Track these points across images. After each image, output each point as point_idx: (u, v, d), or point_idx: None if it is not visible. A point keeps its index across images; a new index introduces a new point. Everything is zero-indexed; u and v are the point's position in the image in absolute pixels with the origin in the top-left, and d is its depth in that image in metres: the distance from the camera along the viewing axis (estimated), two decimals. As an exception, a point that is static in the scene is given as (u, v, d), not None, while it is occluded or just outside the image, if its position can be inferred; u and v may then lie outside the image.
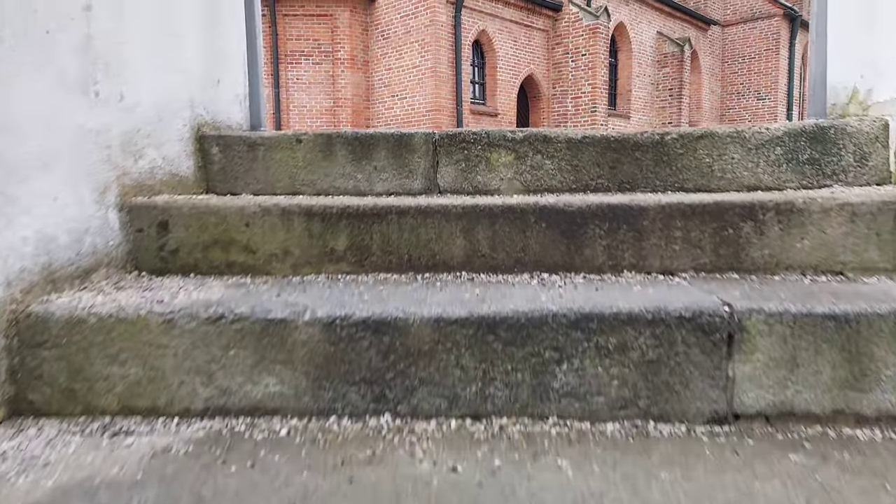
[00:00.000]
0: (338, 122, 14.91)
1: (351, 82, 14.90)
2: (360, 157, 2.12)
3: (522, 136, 2.08)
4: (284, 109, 14.80)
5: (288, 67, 14.78)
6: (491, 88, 15.44)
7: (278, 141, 2.12)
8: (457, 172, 2.11)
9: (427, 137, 2.11)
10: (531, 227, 1.69)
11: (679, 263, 1.67)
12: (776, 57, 20.54)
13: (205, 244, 1.71)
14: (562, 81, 16.35)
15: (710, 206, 1.65)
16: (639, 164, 2.05)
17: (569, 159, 2.07)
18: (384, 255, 1.71)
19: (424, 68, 14.11)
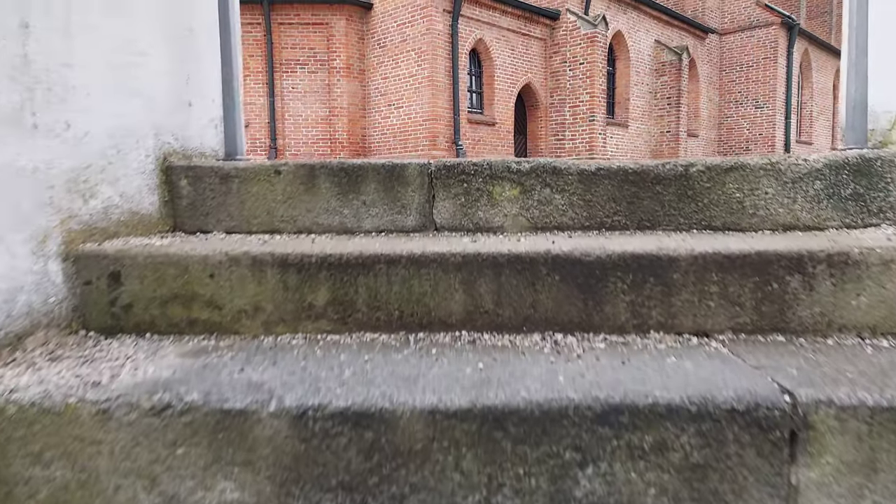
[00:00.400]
0: (333, 132, 14.68)
1: (347, 91, 14.68)
2: (346, 191, 1.88)
3: (529, 167, 1.84)
4: (279, 118, 14.56)
5: (283, 76, 14.55)
6: (488, 97, 15.23)
7: (254, 172, 1.87)
8: (455, 208, 1.86)
9: (422, 169, 1.87)
10: (542, 280, 1.45)
11: (715, 323, 1.43)
12: (774, 65, 20.40)
13: (163, 299, 1.47)
14: (560, 90, 16.15)
15: (751, 257, 1.41)
16: (660, 200, 1.82)
17: (581, 193, 1.83)
18: (371, 311, 1.47)
19: (421, 77, 13.90)
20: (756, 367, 1.20)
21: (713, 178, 1.80)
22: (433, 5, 13.57)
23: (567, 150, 16.09)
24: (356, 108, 14.95)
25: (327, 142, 14.75)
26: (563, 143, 16.18)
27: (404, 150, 14.36)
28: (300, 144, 14.70)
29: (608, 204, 1.83)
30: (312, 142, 14.74)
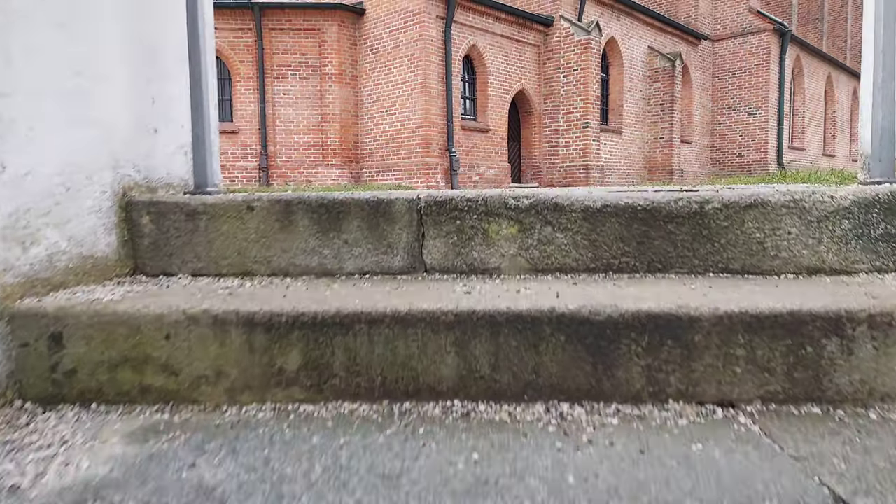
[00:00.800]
0: (325, 138, 14.48)
1: (339, 97, 14.49)
2: (326, 229, 1.69)
3: (528, 203, 1.66)
4: (270, 125, 14.35)
5: (274, 82, 14.35)
6: (482, 104, 15.07)
7: (224, 208, 1.68)
8: (447, 247, 1.68)
9: (410, 204, 1.69)
10: (546, 341, 1.27)
11: (742, 391, 1.25)
12: (766, 72, 20.34)
13: (111, 363, 1.28)
14: (553, 97, 16.01)
15: (782, 318, 1.23)
16: (672, 240, 1.64)
17: (585, 232, 1.65)
18: (350, 376, 1.28)
19: (414, 84, 13.72)
20: (796, 457, 1.02)
21: (731, 217, 1.63)
22: (426, 11, 13.40)
23: (561, 156, 15.95)
24: (348, 114, 14.76)
25: (319, 148, 14.55)
26: (556, 150, 16.04)
27: (397, 156, 14.18)
28: (291, 151, 14.50)
29: (615, 244, 1.65)
30: (304, 148, 14.54)
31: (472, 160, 14.70)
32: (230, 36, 14.19)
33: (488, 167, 15.06)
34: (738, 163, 21.03)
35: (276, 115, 14.43)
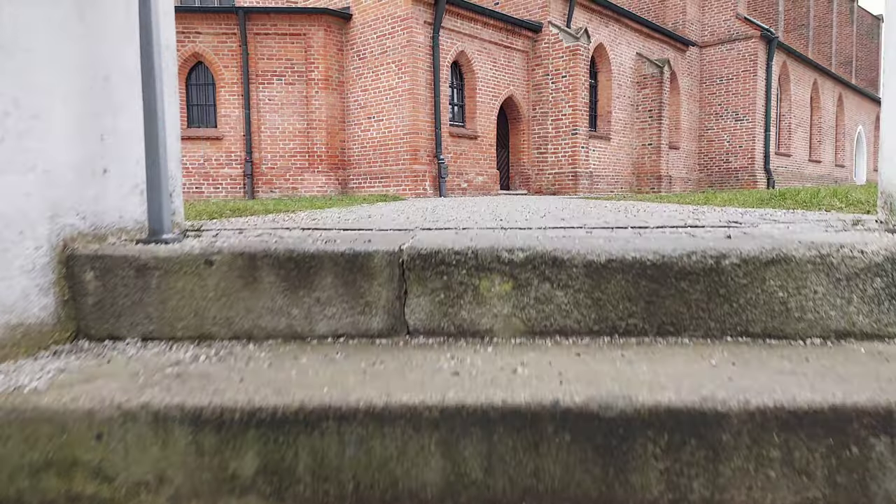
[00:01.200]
0: (311, 145, 14.25)
1: (325, 103, 14.26)
2: (296, 286, 1.49)
3: (524, 256, 1.47)
4: (255, 131, 14.10)
5: (259, 88, 14.10)
6: (470, 110, 14.90)
7: (179, 263, 1.48)
8: (433, 306, 1.49)
9: (391, 258, 1.49)
10: (548, 441, 1.07)
11: (776, 498, 1.06)
12: (753, 78, 20.34)
13: (33, 467, 1.07)
14: (542, 103, 15.88)
15: (823, 414, 1.05)
16: (685, 299, 1.46)
17: (588, 290, 1.47)
18: (316, 481, 1.08)
19: (402, 90, 13.53)
20: None
21: (751, 273, 1.44)
22: (414, 17, 13.22)
23: (549, 163, 15.82)
24: (335, 120, 14.54)
25: (305, 155, 14.32)
26: (545, 157, 15.90)
27: (384, 163, 13.98)
28: (277, 157, 14.25)
29: (622, 303, 1.46)
30: (290, 155, 14.30)
31: (461, 167, 14.53)
32: (214, 41, 13.94)
33: (477, 174, 14.90)
34: (725, 169, 21.03)
35: (262, 121, 14.18)
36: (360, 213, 4.12)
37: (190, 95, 14.31)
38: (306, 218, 3.42)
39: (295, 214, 4.05)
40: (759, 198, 4.10)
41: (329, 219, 3.13)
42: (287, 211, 4.52)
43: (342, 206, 6.28)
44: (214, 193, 14.08)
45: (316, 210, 5.08)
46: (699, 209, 3.65)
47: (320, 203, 6.30)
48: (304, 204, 6.07)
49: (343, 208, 5.39)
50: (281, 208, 4.85)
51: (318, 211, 4.81)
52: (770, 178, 20.71)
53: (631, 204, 5.30)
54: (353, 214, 3.76)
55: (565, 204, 5.77)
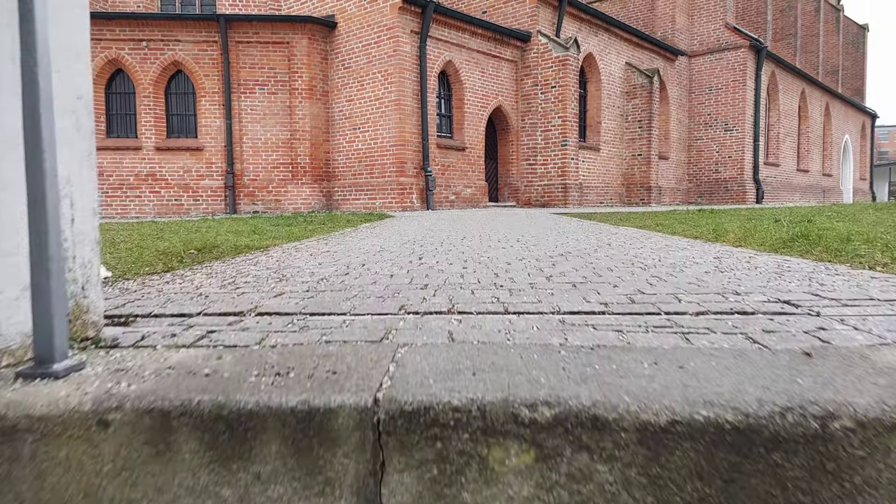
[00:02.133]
0: (295, 156, 13.77)
1: (309, 113, 13.79)
2: (227, 456, 1.04)
3: (551, 415, 1.03)
4: (237, 142, 13.60)
5: (241, 97, 13.60)
6: (458, 121, 14.49)
7: (63, 423, 1.03)
8: (422, 486, 1.04)
9: (361, 415, 1.04)
10: None
11: None
12: (743, 88, 20.13)
13: None
14: (531, 113, 15.50)
15: None
16: (778, 477, 1.02)
17: (643, 464, 1.03)
18: None
19: (388, 100, 13.09)
20: None
21: (869, 442, 1.02)
22: (400, 26, 12.79)
23: (539, 174, 15.43)
24: (319, 131, 14.06)
25: (288, 166, 13.83)
26: (535, 168, 15.52)
27: (370, 175, 13.52)
28: (259, 169, 13.76)
29: (689, 483, 1.03)
30: (273, 166, 13.81)
31: (449, 179, 14.11)
32: (194, 48, 13.42)
33: (465, 186, 14.49)
34: (714, 179, 20.79)
35: (243, 131, 13.69)
36: (340, 251, 3.67)
37: (169, 105, 13.79)
38: (276, 266, 2.96)
39: (266, 255, 3.60)
40: (780, 238, 3.70)
41: (300, 270, 2.68)
42: (259, 248, 4.06)
43: (323, 232, 5.82)
44: (195, 206, 13.55)
45: (293, 242, 4.62)
46: (718, 253, 3.24)
47: (299, 230, 5.83)
48: (282, 231, 5.60)
49: (322, 239, 4.94)
50: (254, 243, 4.39)
51: (294, 245, 4.35)
52: (759, 189, 20.50)
53: (634, 234, 4.89)
54: (329, 258, 3.31)
55: (561, 228, 5.33)
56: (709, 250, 3.47)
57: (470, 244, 4.14)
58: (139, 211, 13.43)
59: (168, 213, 13.45)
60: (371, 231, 5.76)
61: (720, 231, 4.58)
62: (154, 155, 13.52)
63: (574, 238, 4.61)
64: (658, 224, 6.22)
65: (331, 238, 4.89)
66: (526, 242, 4.23)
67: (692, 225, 5.99)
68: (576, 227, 6.28)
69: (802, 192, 24.63)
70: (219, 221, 7.97)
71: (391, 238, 4.78)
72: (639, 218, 8.00)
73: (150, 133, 13.49)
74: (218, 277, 2.57)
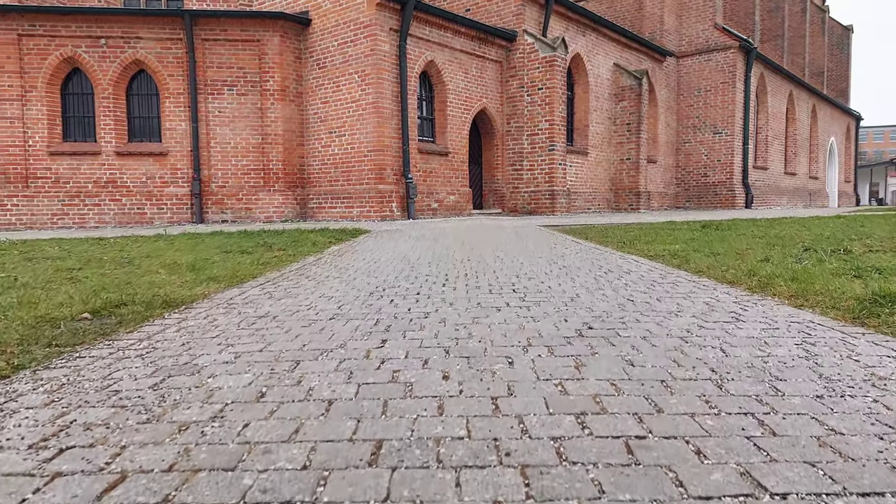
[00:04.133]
0: (267, 161, 12.73)
1: (282, 116, 12.76)
2: None
3: None
4: (204, 146, 12.53)
5: (208, 98, 12.53)
6: (440, 125, 13.53)
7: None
8: None
9: None
10: None
11: None
12: (732, 90, 19.39)
13: None
14: (517, 117, 14.59)
15: None
16: None
17: None
18: None
19: (365, 103, 12.10)
20: None
21: None
22: (378, 23, 11.79)
23: (525, 180, 14.53)
24: (293, 134, 13.03)
25: (260, 172, 12.79)
26: (520, 174, 14.61)
27: (347, 182, 12.53)
28: (228, 175, 12.70)
29: None
30: (243, 172, 12.76)
31: (431, 186, 13.16)
32: (157, 46, 12.32)
33: (448, 193, 13.54)
34: (703, 183, 20.04)
35: (211, 135, 12.62)
36: (281, 317, 2.73)
37: (131, 107, 12.68)
38: (169, 368, 2.01)
39: (178, 326, 2.64)
40: (853, 296, 2.81)
41: (199, 382, 1.74)
42: (182, 303, 3.08)
43: (278, 264, 4.85)
44: (158, 215, 12.47)
45: (231, 289, 3.66)
46: (792, 325, 2.34)
47: (250, 262, 4.84)
48: (229, 265, 4.62)
49: (270, 283, 3.98)
50: (180, 293, 3.42)
51: (229, 298, 3.39)
52: (749, 194, 19.79)
53: (650, 271, 4.00)
54: (258, 340, 2.37)
55: (559, 257, 4.39)
56: (773, 317, 2.57)
57: (454, 299, 3.21)
58: (99, 220, 12.32)
59: (130, 222, 12.36)
60: (334, 265, 4.80)
61: (760, 274, 3.69)
62: (114, 160, 12.41)
63: (581, 282, 3.69)
64: (666, 250, 5.32)
65: (280, 282, 3.93)
66: (524, 293, 3.30)
67: (708, 252, 5.11)
68: (574, 253, 5.37)
69: (790, 196, 24.01)
70: (170, 241, 6.95)
71: (354, 285, 3.83)
72: (638, 235, 7.12)
73: (110, 137, 12.38)
74: (46, 415, 1.61)
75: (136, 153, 12.44)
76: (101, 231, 10.48)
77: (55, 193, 12.22)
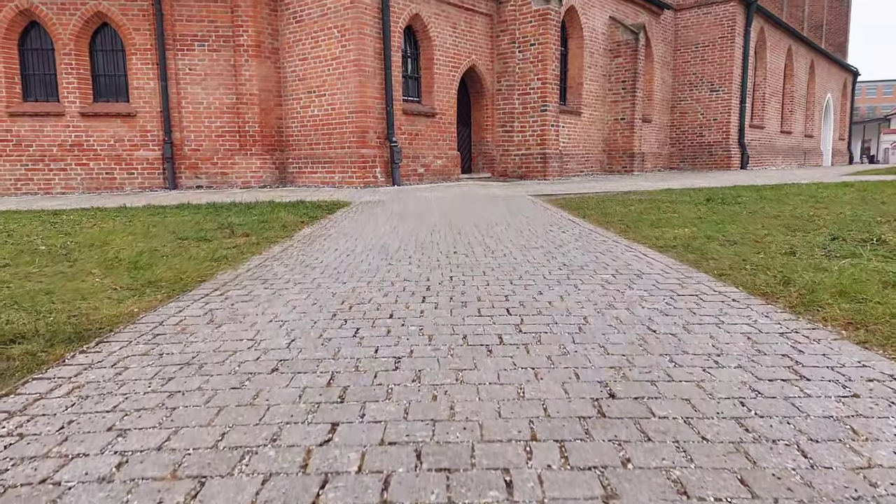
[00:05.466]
0: (243, 123, 11.89)
1: (257, 74, 11.86)
2: None
3: None
4: (174, 107, 11.66)
5: (178, 55, 11.59)
6: (427, 83, 12.68)
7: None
8: None
9: None
10: None
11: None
12: (731, 45, 18.51)
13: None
14: (508, 75, 13.74)
15: None
16: None
17: None
18: None
19: (346, 60, 11.23)
20: None
21: None
22: (359, -27, 10.83)
23: (516, 143, 13.79)
24: (270, 94, 12.17)
25: (235, 135, 11.97)
26: (511, 136, 13.85)
27: (328, 146, 11.75)
28: (202, 138, 11.87)
29: None
30: (217, 135, 11.93)
31: (417, 149, 12.40)
32: (120, -3, 11.31)
33: (435, 157, 12.80)
34: (698, 143, 19.34)
35: (182, 94, 11.73)
36: (208, 365, 2.12)
37: (95, 64, 11.72)
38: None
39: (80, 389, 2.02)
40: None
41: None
42: (102, 328, 2.45)
43: (240, 255, 4.21)
44: (129, 181, 11.67)
45: (170, 302, 3.03)
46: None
47: (205, 254, 4.19)
48: (184, 258, 3.97)
49: (218, 291, 3.36)
50: (104, 312, 2.79)
51: (160, 322, 2.78)
52: (745, 154, 19.14)
53: (664, 272, 3.41)
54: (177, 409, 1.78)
55: (557, 244, 3.79)
56: (841, 368, 1.99)
57: (434, 327, 2.61)
58: (65, 186, 11.51)
59: (99, 188, 11.57)
60: (300, 261, 4.16)
61: (795, 281, 3.09)
62: (80, 122, 11.52)
63: (587, 292, 3.09)
64: (677, 237, 4.72)
65: (231, 290, 3.30)
66: (521, 315, 2.70)
67: (723, 239, 4.51)
68: (574, 240, 4.76)
69: (784, 156, 23.37)
70: (129, 218, 6.25)
71: (316, 297, 3.22)
72: (640, 212, 6.50)
73: (74, 97, 11.46)
74: None
75: (103, 114, 11.55)
76: (67, 199, 9.72)
77: (17, 157, 11.36)
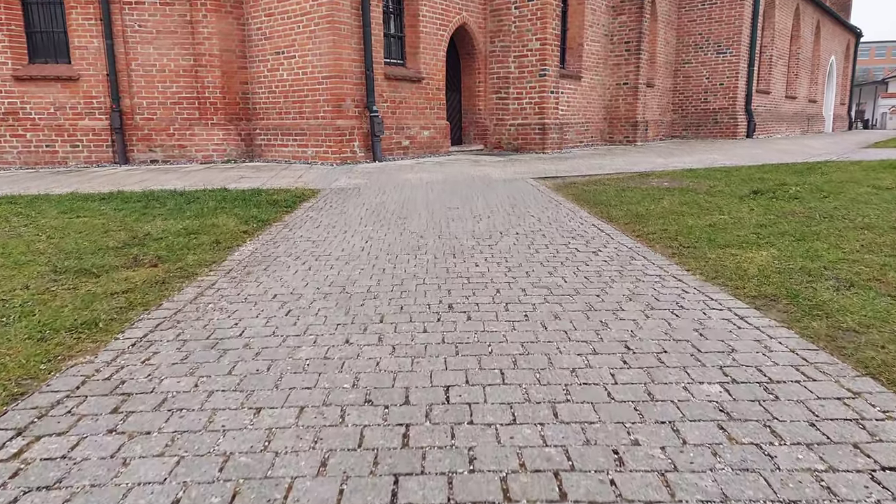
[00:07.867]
0: (202, 88, 10.29)
1: (217, 31, 10.21)
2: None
3: None
4: (122, 70, 10.01)
5: (124, 9, 9.89)
6: (412, 44, 11.07)
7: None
8: None
9: None
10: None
11: None
12: (740, 3, 16.89)
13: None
14: (503, 34, 12.14)
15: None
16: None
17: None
18: None
19: (318, 16, 9.60)
20: None
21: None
22: (331, -88, 9.12)
23: (511, 111, 12.29)
24: (232, 55, 10.53)
25: (193, 101, 10.37)
26: (506, 104, 12.34)
27: (300, 115, 10.20)
28: (155, 105, 10.27)
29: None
30: (173, 102, 10.32)
31: (401, 119, 10.87)
32: (52, -61, 9.53)
33: (422, 128, 11.28)
34: (702, 109, 17.88)
35: (131, 55, 10.07)
36: None
37: (30, 18, 9.99)
38: None
39: None
40: None
41: None
42: None
43: (113, 326, 2.84)
44: (73, 154, 10.09)
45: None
46: None
47: (52, 335, 2.80)
48: (17, 333, 2.59)
49: (67, 391, 2.00)
50: None
51: None
52: (751, 122, 17.73)
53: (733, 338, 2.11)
54: None
55: (567, 274, 2.50)
56: None
57: None
58: (1, 161, 9.94)
59: (38, 162, 9.99)
60: (213, 324, 2.78)
61: None
62: (13, 86, 9.87)
63: (695, 437, 1.77)
64: (761, 271, 3.39)
65: (75, 409, 1.94)
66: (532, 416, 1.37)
67: (834, 278, 3.20)
68: (616, 271, 3.41)
69: (788, 122, 21.98)
70: (30, 220, 4.81)
71: (204, 444, 1.87)
72: (673, 206, 5.15)
73: (5, 57, 9.78)
74: None
75: (40, 77, 9.90)
76: (-11, 180, 8.20)
77: (-57, 127, 9.74)
